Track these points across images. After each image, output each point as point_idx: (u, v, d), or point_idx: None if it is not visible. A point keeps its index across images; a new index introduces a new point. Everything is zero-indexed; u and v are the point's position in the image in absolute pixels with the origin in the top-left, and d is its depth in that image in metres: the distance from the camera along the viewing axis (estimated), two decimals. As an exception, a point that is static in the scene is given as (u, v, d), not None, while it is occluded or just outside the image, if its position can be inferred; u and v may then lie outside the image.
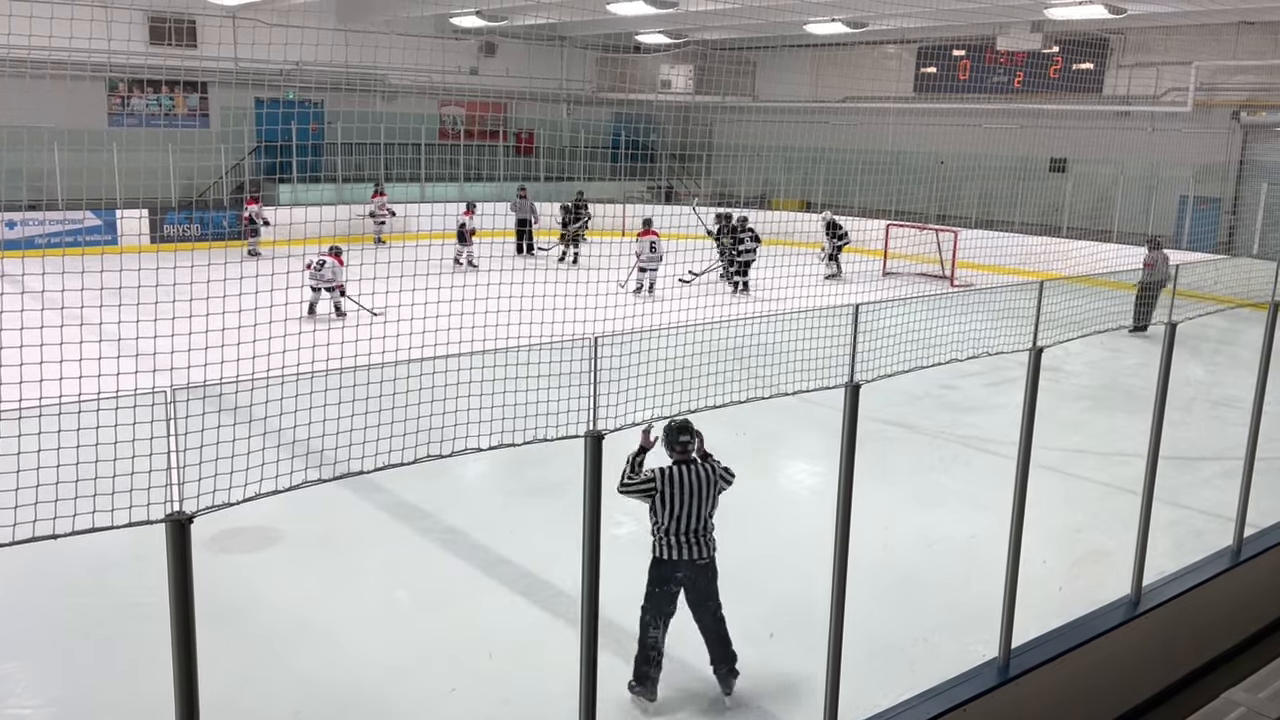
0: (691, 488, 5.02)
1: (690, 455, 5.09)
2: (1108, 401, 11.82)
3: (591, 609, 3.51)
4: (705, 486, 5.06)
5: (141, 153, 20.29)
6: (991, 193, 22.16)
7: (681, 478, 5.02)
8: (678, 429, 5.06)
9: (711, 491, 5.09)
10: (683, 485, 5.01)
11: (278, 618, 6.15)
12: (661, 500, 5.01)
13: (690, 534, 5.07)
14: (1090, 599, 5.88)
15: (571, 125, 28.06)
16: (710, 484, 5.08)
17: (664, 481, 5.01)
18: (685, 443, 5.07)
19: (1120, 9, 17.95)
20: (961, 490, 8.71)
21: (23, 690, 5.45)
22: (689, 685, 5.53)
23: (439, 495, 8.03)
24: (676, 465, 5.06)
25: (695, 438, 5.12)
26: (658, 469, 5.03)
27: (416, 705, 5.33)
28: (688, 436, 5.09)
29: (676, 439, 5.06)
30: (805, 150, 24.18)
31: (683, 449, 5.07)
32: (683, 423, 5.02)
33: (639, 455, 5.08)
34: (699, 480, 5.05)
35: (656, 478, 5.02)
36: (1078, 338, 5.78)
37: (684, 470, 5.04)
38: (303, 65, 20.98)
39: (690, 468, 5.05)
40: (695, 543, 5.10)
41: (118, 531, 2.66)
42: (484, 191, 24.31)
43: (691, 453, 5.10)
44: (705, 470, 5.09)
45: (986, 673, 4.93)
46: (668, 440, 5.07)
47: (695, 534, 5.08)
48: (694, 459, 5.10)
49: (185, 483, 2.64)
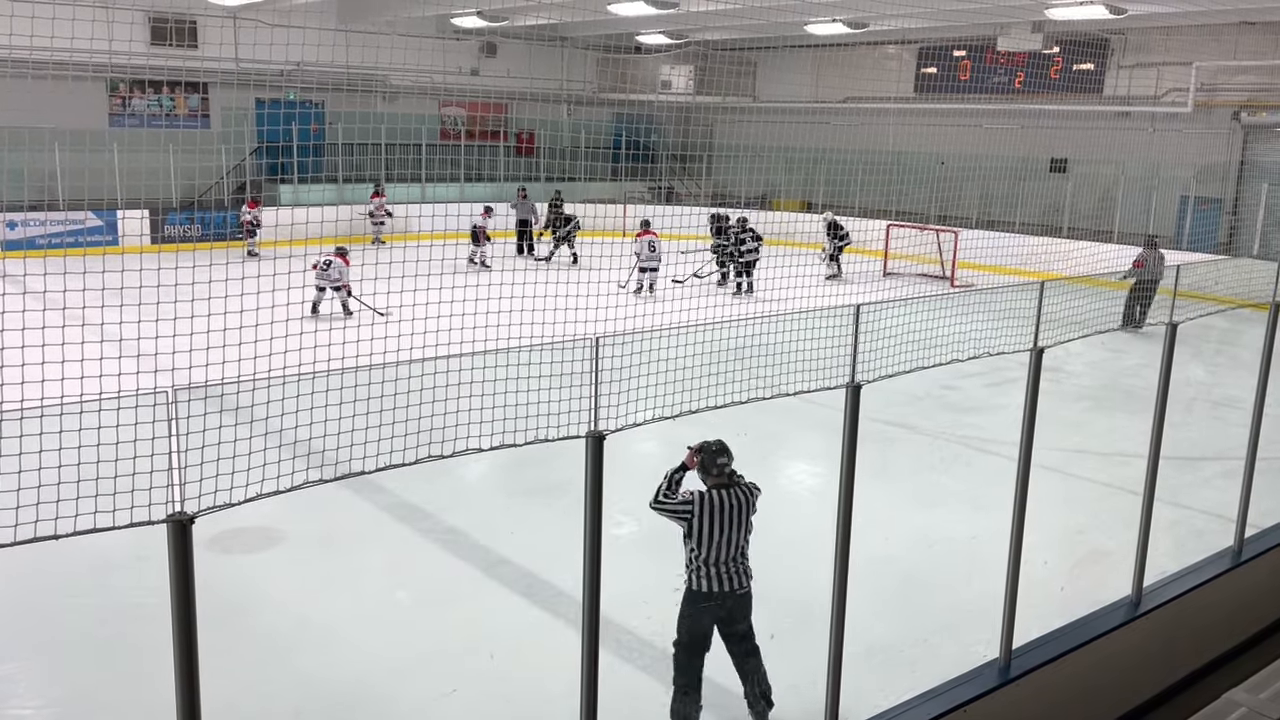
0: (730, 514, 4.72)
1: (729, 479, 4.80)
2: (1108, 402, 11.81)
3: (592, 609, 3.51)
4: (743, 511, 4.78)
5: (143, 153, 20.32)
6: (992, 193, 22.16)
7: (721, 503, 4.72)
8: (716, 451, 4.79)
9: (748, 515, 4.80)
10: (722, 511, 4.71)
11: (279, 618, 6.16)
12: (698, 528, 4.70)
13: (730, 563, 4.77)
14: (1091, 599, 5.87)
15: (572, 126, 28.07)
16: (747, 508, 4.79)
17: (702, 507, 4.70)
18: (724, 465, 4.78)
19: (1121, 9, 17.95)
20: (962, 491, 8.71)
21: (24, 691, 5.45)
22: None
23: (440, 496, 8.03)
24: (715, 490, 4.75)
25: (732, 459, 4.82)
26: (695, 493, 4.75)
27: (418, 705, 5.33)
28: (726, 459, 4.79)
29: (714, 462, 4.78)
30: (806, 151, 24.18)
31: (720, 472, 4.77)
32: (720, 444, 4.79)
33: (679, 473, 4.84)
34: (737, 505, 4.75)
35: (694, 502, 4.71)
36: (1078, 338, 5.78)
37: (723, 495, 4.74)
38: (303, 66, 20.99)
39: (729, 492, 4.76)
40: (735, 572, 4.80)
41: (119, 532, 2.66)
42: (484, 192, 24.32)
43: (729, 476, 4.81)
44: (741, 493, 4.80)
45: (987, 673, 4.92)
46: (704, 463, 4.80)
47: (734, 562, 4.79)
48: (734, 481, 4.81)
49: (186, 483, 2.64)
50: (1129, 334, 13.57)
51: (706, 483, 4.79)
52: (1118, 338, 13.41)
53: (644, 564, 6.94)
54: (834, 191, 23.86)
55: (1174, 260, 7.78)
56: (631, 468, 8.92)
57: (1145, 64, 22.22)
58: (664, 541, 7.48)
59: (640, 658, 5.74)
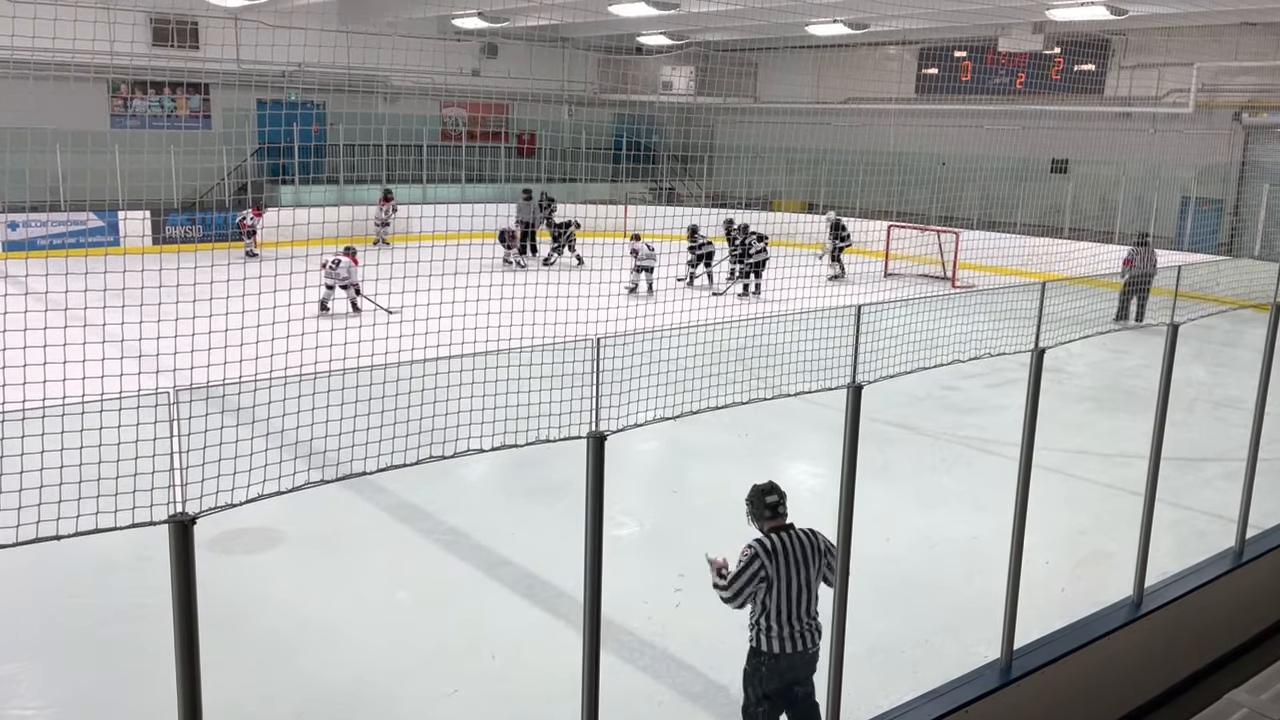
0: (796, 557, 4.26)
1: (784, 518, 4.37)
2: (1110, 402, 11.81)
3: (594, 609, 3.51)
4: (808, 554, 4.30)
5: (144, 154, 20.33)
6: (993, 194, 22.16)
7: (784, 546, 4.25)
8: (764, 489, 4.37)
9: (818, 561, 4.32)
10: (787, 555, 4.24)
11: (280, 618, 6.16)
12: (766, 578, 4.23)
13: (803, 617, 4.28)
14: (1092, 600, 5.87)
15: (573, 126, 28.08)
16: (814, 551, 4.32)
17: (767, 555, 4.22)
18: (776, 504, 4.35)
19: (1122, 10, 17.95)
20: (963, 491, 8.71)
21: (25, 691, 5.46)
22: (691, 687, 5.53)
23: (441, 496, 8.03)
24: (773, 534, 4.31)
25: (784, 497, 4.40)
26: (755, 544, 4.28)
27: (419, 706, 5.33)
28: (777, 496, 4.36)
29: (764, 501, 4.34)
30: (807, 151, 24.18)
31: (773, 512, 4.34)
32: (768, 483, 4.41)
33: (722, 568, 4.38)
34: (802, 547, 4.29)
35: (759, 554, 4.22)
36: (1079, 339, 5.78)
37: (782, 538, 4.27)
38: (305, 67, 20.98)
39: (789, 534, 4.31)
40: (807, 628, 4.31)
41: (121, 533, 2.67)
42: (486, 193, 24.33)
43: (785, 515, 4.37)
44: (804, 535, 4.34)
45: (989, 674, 4.92)
46: (754, 508, 4.39)
47: (807, 615, 4.31)
48: (789, 523, 4.38)
49: (188, 484, 2.64)
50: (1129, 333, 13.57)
51: (762, 529, 4.37)
52: (1119, 338, 13.41)
53: (645, 564, 6.95)
54: (835, 192, 23.86)
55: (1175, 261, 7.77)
56: (633, 468, 8.93)
57: (1146, 65, 22.22)
58: (665, 542, 7.50)
59: (641, 658, 5.75)
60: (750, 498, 4.42)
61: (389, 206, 22.08)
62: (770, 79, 28.06)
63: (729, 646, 5.96)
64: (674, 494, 8.68)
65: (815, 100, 27.18)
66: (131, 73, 21.89)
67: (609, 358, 3.51)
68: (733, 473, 9.06)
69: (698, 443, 9.49)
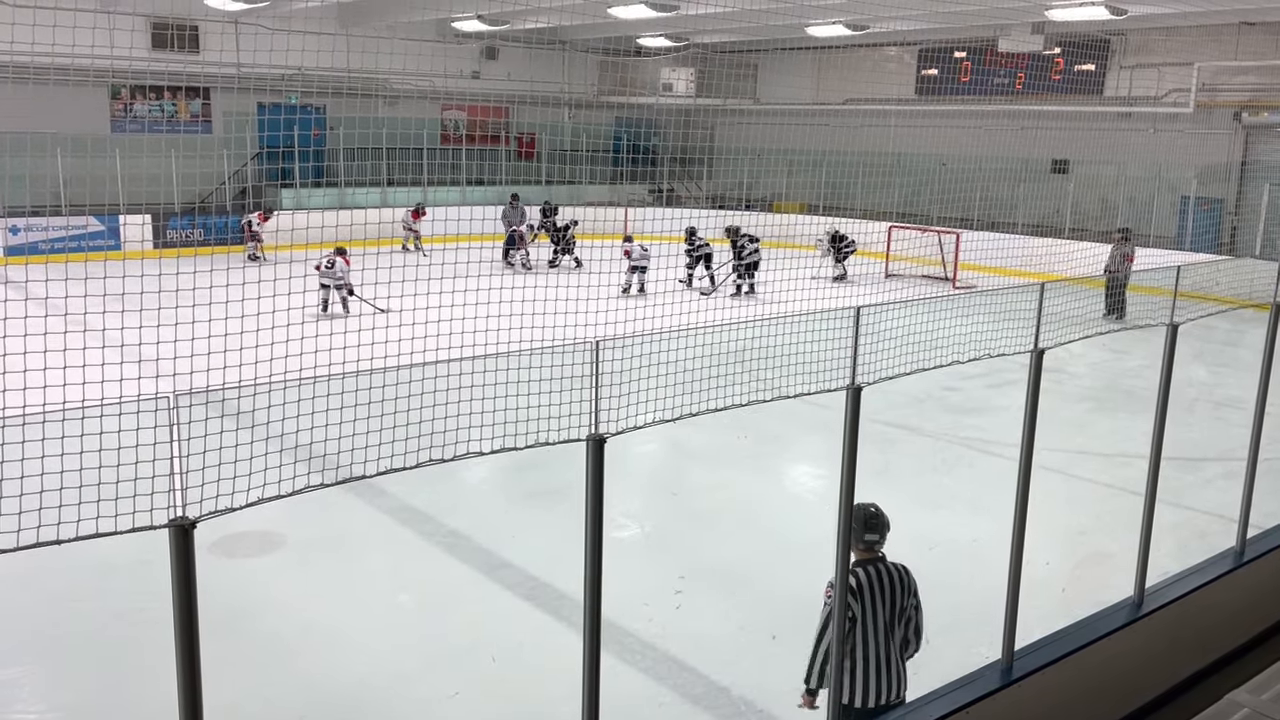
0: (884, 595, 3.91)
1: (879, 554, 4.07)
2: (1110, 403, 11.81)
3: (594, 612, 3.51)
4: (901, 592, 3.97)
5: (144, 158, 20.33)
6: (993, 194, 22.17)
7: (870, 582, 3.93)
8: (867, 520, 4.02)
9: (906, 601, 3.99)
10: (874, 592, 3.92)
11: (281, 622, 6.16)
12: (851, 618, 3.91)
13: (888, 664, 3.95)
14: (1093, 600, 5.87)
15: (573, 129, 28.09)
16: (904, 590, 4.00)
17: (852, 594, 3.89)
18: (874, 542, 4.07)
19: (1121, 10, 17.96)
20: (964, 492, 8.70)
21: (27, 696, 5.46)
22: (692, 688, 5.53)
23: (442, 499, 8.04)
24: (861, 567, 4.00)
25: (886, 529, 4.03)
26: (838, 582, 3.91)
27: (420, 709, 5.33)
28: (878, 536, 4.03)
29: (862, 537, 4.03)
30: (807, 153, 24.20)
31: (868, 547, 4.07)
32: (874, 511, 4.07)
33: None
34: (891, 583, 3.95)
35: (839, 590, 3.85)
36: (1079, 339, 5.78)
37: (869, 573, 3.97)
38: (305, 70, 20.99)
39: (878, 568, 4.00)
40: (893, 677, 3.97)
41: (121, 537, 2.67)
42: (485, 196, 24.32)
43: (879, 551, 4.06)
44: (896, 570, 4.02)
45: (989, 675, 4.91)
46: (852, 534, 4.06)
47: (892, 662, 3.97)
48: (881, 555, 4.06)
49: (188, 488, 2.65)
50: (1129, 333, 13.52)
51: (854, 553, 4.07)
52: (1119, 339, 13.40)
53: (645, 567, 6.95)
54: (835, 193, 23.86)
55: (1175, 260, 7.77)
56: (633, 470, 8.94)
57: (1146, 65, 22.22)
58: (665, 544, 7.50)
59: (642, 660, 5.75)
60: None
61: (418, 220, 22.01)
62: (770, 80, 28.07)
63: (730, 648, 5.98)
64: (674, 496, 8.68)
65: (815, 101, 27.19)
66: (132, 77, 21.91)
67: (608, 360, 3.51)
68: (733, 474, 9.08)
69: (698, 445, 9.50)
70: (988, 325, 5.30)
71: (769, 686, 5.52)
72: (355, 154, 23.17)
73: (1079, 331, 5.70)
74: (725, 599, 6.63)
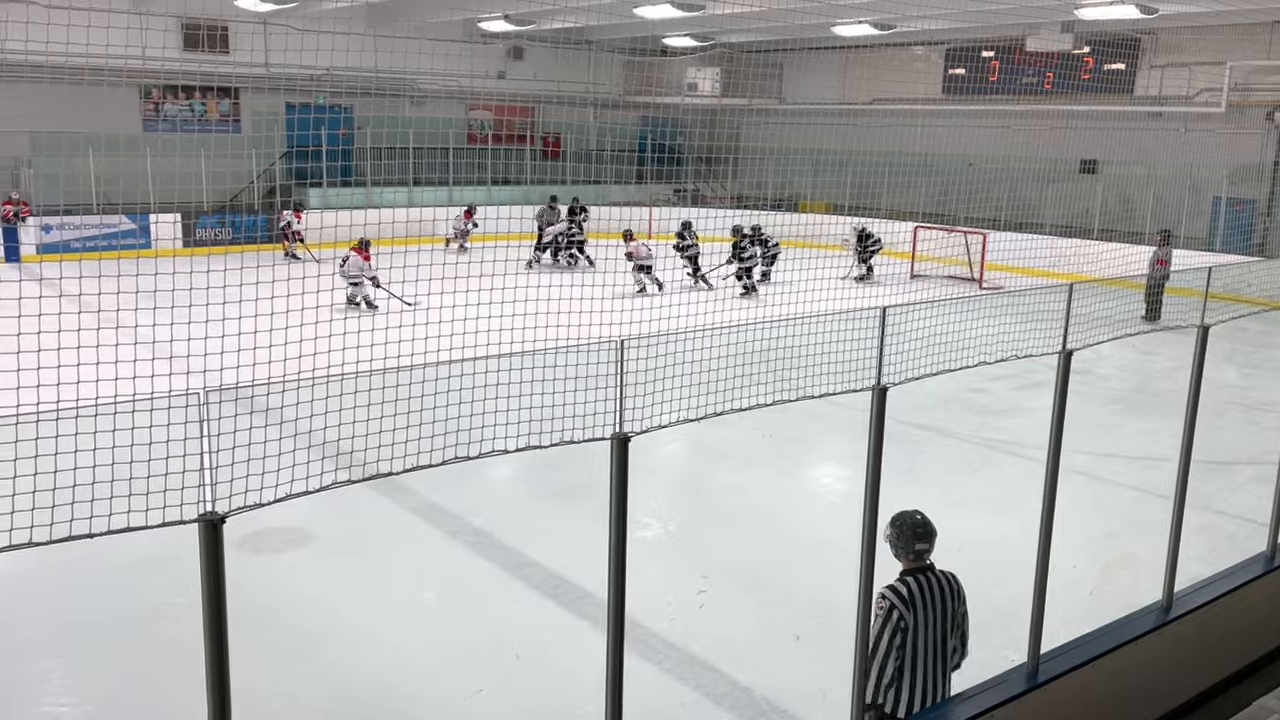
0: (935, 603, 3.86)
1: (928, 563, 4.04)
2: (1139, 405, 11.69)
3: (618, 611, 3.52)
4: (951, 599, 3.94)
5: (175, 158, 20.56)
6: (1021, 194, 21.99)
7: (922, 591, 3.88)
8: (917, 530, 3.97)
9: (958, 608, 3.97)
10: (927, 601, 3.87)
11: (307, 618, 6.21)
12: (904, 628, 3.85)
13: (941, 674, 3.91)
14: (1121, 604, 5.81)
15: (598, 128, 28.12)
16: (954, 596, 3.97)
17: (905, 604, 3.84)
18: (924, 551, 4.02)
19: (1152, 9, 17.76)
20: (990, 494, 8.65)
21: (57, 689, 5.53)
22: (715, 688, 5.53)
23: (466, 497, 8.07)
24: (910, 576, 3.96)
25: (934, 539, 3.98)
26: (889, 592, 3.90)
27: (444, 705, 5.36)
28: (927, 544, 3.98)
29: (912, 545, 3.97)
30: (832, 153, 24.11)
31: (918, 556, 4.02)
32: (922, 519, 4.03)
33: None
34: (942, 592, 3.90)
35: (895, 604, 3.83)
36: (1108, 340, 5.73)
37: (920, 581, 3.93)
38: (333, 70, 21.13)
39: (928, 577, 3.95)
40: (940, 686, 3.92)
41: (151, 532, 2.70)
42: (511, 195, 24.39)
43: (928, 559, 4.03)
44: (945, 578, 3.97)
45: (1015, 678, 4.88)
46: (901, 541, 4.02)
47: (943, 672, 3.93)
48: (930, 564, 4.03)
49: (218, 483, 2.68)
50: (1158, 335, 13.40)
51: (902, 563, 4.04)
52: (1149, 340, 13.26)
53: (668, 567, 6.95)
54: (861, 193, 23.76)
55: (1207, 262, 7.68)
56: (656, 470, 8.94)
57: (1177, 64, 21.97)
58: (689, 544, 7.50)
59: (665, 660, 5.75)
60: (899, 528, 4.05)
61: (470, 221, 22.07)
62: (796, 80, 27.99)
63: (753, 649, 5.97)
64: (698, 495, 8.68)
65: (841, 101, 27.08)
66: (163, 77, 22.15)
67: (633, 359, 3.52)
68: (757, 475, 9.06)
69: (722, 444, 9.49)
70: (1015, 326, 5.26)
71: (792, 687, 5.51)
72: (382, 153, 23.31)
73: (1108, 333, 5.65)
74: (748, 599, 6.62)
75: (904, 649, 3.91)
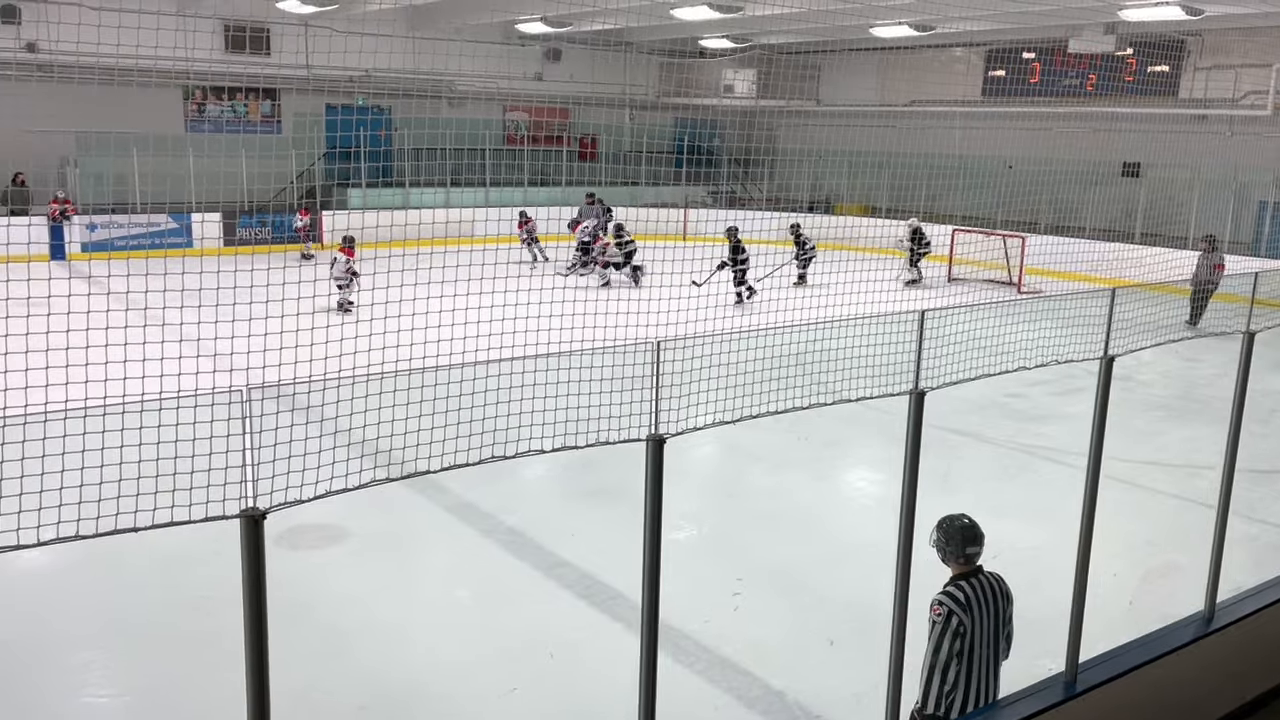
0: (989, 606, 3.87)
1: (978, 566, 4.02)
2: (1182, 411, 11.50)
3: (652, 612, 3.52)
4: (1004, 602, 3.95)
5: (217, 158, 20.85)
6: (1061, 198, 21.73)
7: (977, 595, 3.88)
8: (967, 533, 3.96)
9: (1008, 609, 3.98)
10: (982, 604, 3.87)
11: (342, 614, 6.27)
12: (963, 633, 3.85)
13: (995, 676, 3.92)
14: (1161, 614, 5.73)
15: (634, 130, 28.16)
16: (1005, 598, 3.99)
17: (962, 609, 3.85)
18: (975, 555, 3.99)
19: (1198, 10, 17.48)
20: (1027, 500, 8.55)
21: (98, 680, 5.64)
22: (748, 692, 5.51)
23: (500, 497, 8.11)
24: (963, 581, 3.94)
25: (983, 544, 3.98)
26: (945, 598, 3.91)
27: (478, 703, 5.39)
28: (979, 548, 3.96)
29: (963, 549, 3.95)
30: (870, 154, 23.95)
31: (969, 561, 3.99)
32: (971, 523, 4.02)
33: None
34: (993, 593, 3.91)
35: (954, 609, 3.83)
36: (1151, 346, 5.65)
37: (973, 585, 3.92)
38: (372, 72, 21.35)
39: (979, 580, 3.96)
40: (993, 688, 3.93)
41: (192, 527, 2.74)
42: (547, 197, 24.46)
43: (978, 563, 4.02)
44: (994, 580, 3.99)
45: (1052, 687, 4.82)
46: (950, 546, 3.99)
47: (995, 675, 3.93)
48: (979, 566, 4.02)
49: (259, 479, 2.71)
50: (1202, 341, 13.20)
51: (953, 569, 4.03)
52: (1192, 346, 13.05)
53: (702, 569, 6.94)
54: (898, 196, 23.59)
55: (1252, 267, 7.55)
56: (690, 471, 8.93)
57: (1223, 66, 21.61)
58: (722, 546, 7.48)
59: (698, 662, 5.75)
60: (948, 532, 4.02)
61: (527, 228, 21.73)
62: (833, 81, 27.85)
63: (787, 653, 5.95)
64: (732, 498, 8.66)
65: (879, 103, 26.91)
66: (206, 79, 22.47)
67: (668, 360, 3.52)
68: (792, 477, 9.03)
69: (756, 447, 9.46)
70: (1055, 331, 5.21)
71: (826, 692, 5.48)
72: (420, 154, 23.48)
73: (1150, 338, 5.57)
74: (783, 602, 6.60)
75: (963, 654, 3.90)
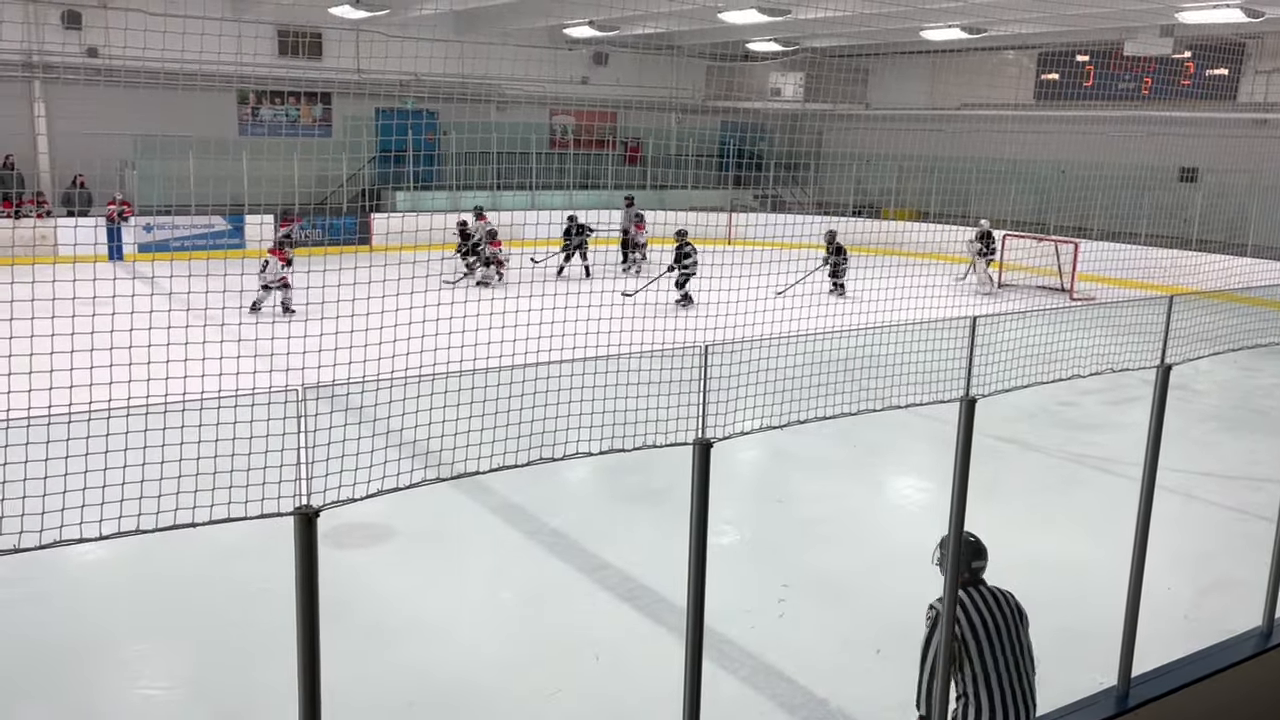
0: (988, 613, 3.92)
1: (981, 580, 4.05)
2: (1240, 423, 11.25)
3: (697, 617, 3.52)
4: (1012, 613, 3.97)
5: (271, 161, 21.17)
6: (1115, 203, 21.34)
7: (974, 603, 3.94)
8: (975, 549, 4.04)
9: (1020, 624, 3.98)
10: (987, 615, 3.91)
11: (388, 613, 6.34)
12: (964, 641, 3.88)
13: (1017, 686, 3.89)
14: (1218, 629, 5.60)
15: (680, 133, 28.15)
16: (1015, 612, 3.99)
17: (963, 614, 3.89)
18: (979, 569, 4.05)
19: (1258, 12, 17.09)
20: (1079, 511, 8.41)
21: (153, 671, 5.75)
22: (791, 699, 5.48)
23: (544, 498, 8.15)
24: (964, 590, 3.98)
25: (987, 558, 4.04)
26: (937, 604, 3.95)
27: (523, 703, 5.42)
28: (984, 562, 4.04)
29: (969, 564, 4.01)
30: (919, 158, 23.71)
31: (974, 575, 4.03)
32: (977, 539, 4.08)
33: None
34: (996, 602, 3.96)
35: (941, 613, 3.88)
36: (1209, 355, 5.53)
37: (971, 595, 3.97)
38: (421, 76, 21.58)
39: (979, 591, 4.00)
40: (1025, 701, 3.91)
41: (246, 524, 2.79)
42: (592, 200, 24.53)
43: (982, 576, 4.06)
44: (998, 593, 4.02)
45: (1104, 701, 4.74)
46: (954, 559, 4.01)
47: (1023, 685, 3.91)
48: (982, 580, 4.06)
49: (312, 478, 2.75)
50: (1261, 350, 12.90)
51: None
52: (1251, 355, 12.76)
53: (746, 574, 6.92)
54: (947, 200, 23.33)
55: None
56: (735, 477, 8.91)
57: (1284, 69, 21.12)
58: (767, 552, 7.45)
59: (741, 668, 5.73)
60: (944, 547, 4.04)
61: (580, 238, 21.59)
62: (881, 85, 27.63)
63: (831, 661, 5.91)
64: (777, 504, 8.62)
65: (929, 106, 26.64)
66: (258, 83, 22.87)
67: (716, 365, 3.52)
68: (838, 484, 8.96)
69: (802, 452, 9.41)
70: (1109, 339, 5.12)
71: (869, 700, 5.44)
72: (466, 158, 23.68)
73: (1207, 348, 5.46)
74: (828, 610, 6.55)
75: (967, 661, 3.86)
